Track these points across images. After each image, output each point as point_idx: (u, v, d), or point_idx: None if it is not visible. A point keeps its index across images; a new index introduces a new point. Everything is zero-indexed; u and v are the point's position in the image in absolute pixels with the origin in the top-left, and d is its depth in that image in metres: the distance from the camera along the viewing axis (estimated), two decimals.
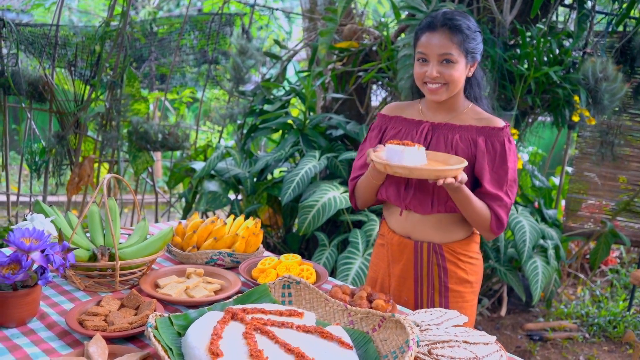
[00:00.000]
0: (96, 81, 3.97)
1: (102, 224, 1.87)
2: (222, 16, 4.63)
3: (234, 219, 2.14)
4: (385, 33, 3.78)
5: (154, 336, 1.25)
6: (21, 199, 4.58)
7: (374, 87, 4.35)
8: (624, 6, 3.60)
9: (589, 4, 3.68)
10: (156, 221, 4.70)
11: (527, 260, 3.50)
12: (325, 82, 4.35)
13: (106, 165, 4.49)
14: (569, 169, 4.67)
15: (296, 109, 4.60)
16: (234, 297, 1.52)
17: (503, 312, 4.21)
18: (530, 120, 3.97)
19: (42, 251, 1.45)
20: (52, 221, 1.73)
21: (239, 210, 3.87)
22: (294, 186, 3.41)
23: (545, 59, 3.51)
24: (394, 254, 2.01)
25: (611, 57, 3.63)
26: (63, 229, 1.75)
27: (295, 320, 1.36)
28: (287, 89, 4.25)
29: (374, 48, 4.03)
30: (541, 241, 3.69)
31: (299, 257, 1.94)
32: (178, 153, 4.89)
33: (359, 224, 3.58)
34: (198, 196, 4.03)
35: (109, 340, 1.40)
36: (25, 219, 1.68)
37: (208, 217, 4.24)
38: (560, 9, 3.95)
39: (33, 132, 4.31)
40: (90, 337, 1.37)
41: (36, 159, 4.14)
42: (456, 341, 1.38)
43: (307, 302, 1.53)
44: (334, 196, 3.32)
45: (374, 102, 4.50)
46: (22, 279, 1.43)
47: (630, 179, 4.19)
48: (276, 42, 4.73)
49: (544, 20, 3.73)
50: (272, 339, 1.27)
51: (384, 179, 1.93)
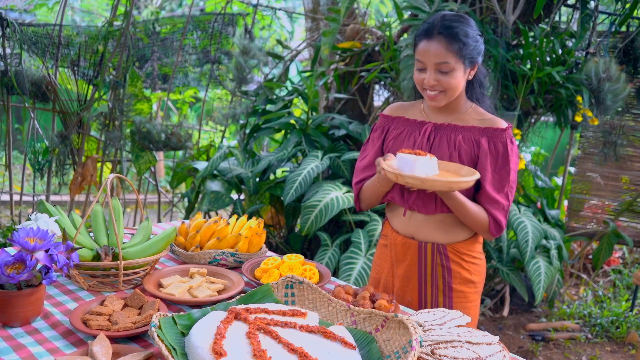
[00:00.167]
0: (99, 81, 3.98)
1: (106, 223, 1.88)
2: (224, 16, 4.64)
3: (237, 219, 2.14)
4: (387, 33, 3.78)
5: (158, 336, 1.26)
6: (24, 198, 4.59)
7: (377, 87, 4.35)
8: (627, 6, 3.60)
9: (591, 4, 3.67)
10: (159, 221, 4.70)
11: (530, 260, 3.50)
12: (328, 82, 4.35)
13: (109, 165, 4.50)
14: (572, 169, 4.66)
15: (299, 109, 4.60)
16: (237, 297, 1.52)
17: (505, 312, 4.21)
18: (532, 121, 3.97)
19: (46, 251, 1.46)
20: (56, 221, 1.74)
21: (241, 210, 3.88)
22: (296, 186, 3.42)
23: (548, 59, 3.51)
24: (397, 254, 2.01)
25: (614, 57, 3.62)
26: (67, 229, 1.76)
27: (298, 320, 1.36)
28: (290, 89, 4.25)
29: (376, 48, 4.03)
30: (544, 241, 3.69)
31: (301, 257, 1.94)
32: (180, 153, 4.89)
33: (361, 224, 3.58)
34: (200, 196, 4.03)
35: (112, 340, 1.40)
36: (29, 219, 1.69)
37: (211, 217, 4.24)
38: (563, 9, 3.95)
39: (36, 131, 4.32)
40: (94, 336, 1.38)
41: (39, 159, 4.15)
42: (459, 341, 1.38)
43: (310, 302, 1.53)
44: (337, 196, 3.32)
45: (377, 102, 4.50)
46: (26, 278, 1.44)
47: (632, 179, 4.18)
48: (279, 42, 4.74)
49: (546, 20, 3.73)
50: (275, 339, 1.27)
51: (392, 185, 1.92)
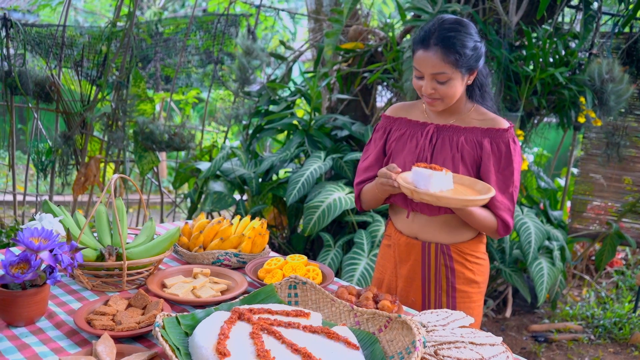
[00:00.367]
0: (102, 81, 3.99)
1: (110, 224, 1.88)
2: (227, 17, 4.64)
3: (240, 220, 2.15)
4: (390, 34, 3.78)
5: (162, 336, 1.26)
6: (27, 198, 4.60)
7: (380, 88, 4.35)
8: (630, 7, 3.59)
9: (595, 5, 3.67)
10: (161, 221, 4.71)
11: (533, 261, 3.50)
12: (331, 83, 4.36)
13: (112, 165, 4.51)
14: (575, 170, 4.65)
15: (301, 109, 4.61)
16: (241, 298, 1.53)
17: (508, 313, 4.20)
18: (535, 122, 3.97)
19: (51, 250, 1.46)
20: (60, 221, 1.75)
21: (244, 211, 3.88)
22: (299, 187, 3.42)
23: (551, 60, 3.51)
24: (401, 254, 2.01)
25: (617, 58, 3.62)
26: (71, 229, 1.76)
27: (301, 321, 1.36)
28: (293, 89, 4.25)
29: (379, 49, 4.03)
30: (546, 242, 3.69)
31: (305, 257, 1.94)
32: (183, 153, 4.90)
33: (364, 225, 3.58)
34: (203, 196, 4.04)
35: (116, 340, 1.41)
36: (32, 219, 1.69)
37: (213, 217, 4.24)
38: (566, 10, 3.95)
39: (39, 132, 4.33)
40: (99, 336, 1.38)
41: (42, 159, 4.16)
42: (462, 342, 1.38)
43: (314, 302, 1.53)
44: (339, 197, 3.32)
45: (379, 103, 4.50)
46: (30, 278, 1.44)
47: (635, 180, 4.18)
48: (282, 42, 4.75)
49: (550, 21, 3.73)
50: (279, 339, 1.27)
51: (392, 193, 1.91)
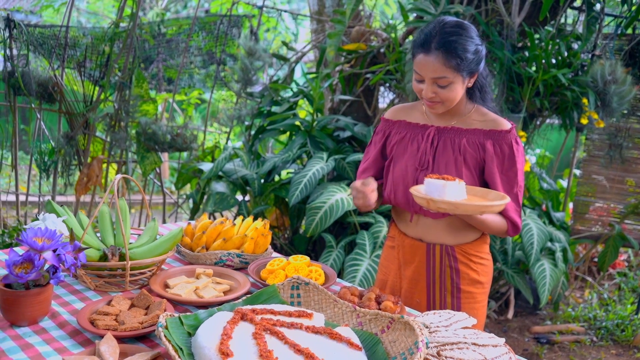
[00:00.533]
0: (105, 82, 3.99)
1: (113, 224, 1.89)
2: (230, 18, 4.65)
3: (242, 220, 2.15)
4: (393, 35, 3.78)
5: (165, 336, 1.26)
6: (30, 198, 4.60)
7: (382, 89, 4.35)
8: (633, 8, 3.59)
9: (597, 6, 3.67)
10: (164, 222, 4.72)
11: (535, 263, 3.50)
12: (333, 84, 4.36)
13: (114, 165, 4.52)
14: (577, 172, 4.65)
15: (304, 110, 4.61)
16: (243, 298, 1.53)
17: (510, 314, 4.20)
18: (538, 123, 3.96)
19: (54, 251, 1.46)
20: (63, 221, 1.75)
21: (246, 212, 3.88)
22: (301, 188, 3.42)
23: (554, 61, 3.50)
24: (405, 256, 2.01)
25: (620, 59, 3.62)
26: (74, 229, 1.77)
27: (304, 321, 1.37)
28: (295, 90, 4.25)
29: (381, 50, 4.03)
30: (549, 244, 3.68)
31: (307, 258, 1.94)
32: (185, 154, 4.90)
33: (366, 226, 3.58)
34: (206, 197, 4.04)
35: (119, 340, 1.41)
36: (35, 219, 1.70)
37: (215, 218, 4.25)
38: (569, 11, 3.94)
39: (42, 132, 4.34)
40: (102, 336, 1.38)
41: (45, 159, 4.17)
42: (465, 343, 1.37)
43: (316, 303, 1.53)
44: (342, 198, 3.32)
45: (382, 104, 4.50)
46: (34, 278, 1.44)
47: (638, 182, 4.17)
48: (284, 43, 4.75)
49: (552, 22, 3.72)
50: (281, 340, 1.27)
51: (375, 205, 1.91)
